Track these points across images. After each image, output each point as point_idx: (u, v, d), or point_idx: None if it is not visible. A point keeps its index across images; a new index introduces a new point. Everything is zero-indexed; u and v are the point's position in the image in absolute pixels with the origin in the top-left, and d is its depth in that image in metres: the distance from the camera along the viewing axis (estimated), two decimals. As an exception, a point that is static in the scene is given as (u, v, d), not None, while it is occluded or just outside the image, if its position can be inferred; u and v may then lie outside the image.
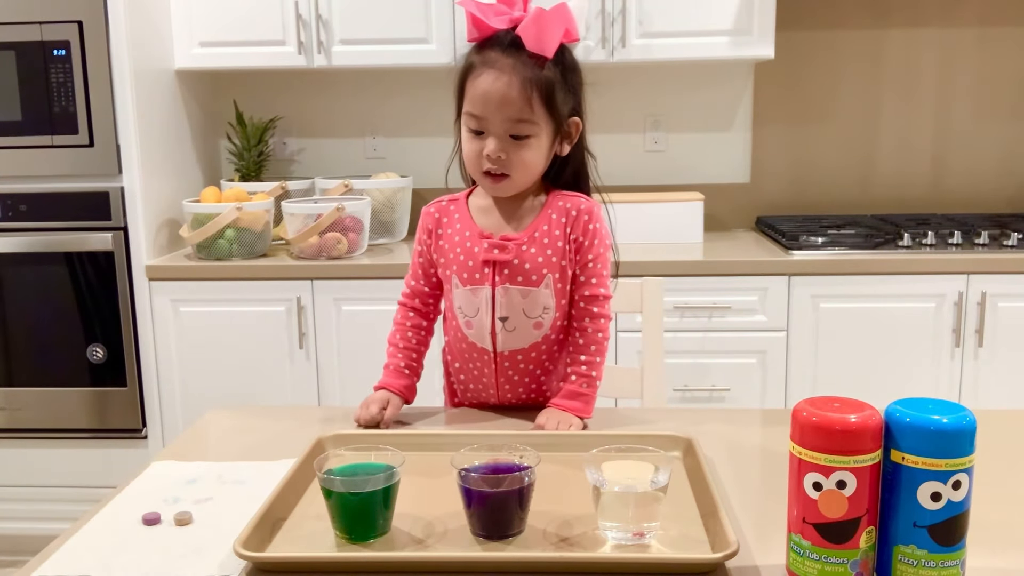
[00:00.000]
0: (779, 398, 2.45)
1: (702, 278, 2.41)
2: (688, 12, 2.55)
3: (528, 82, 1.21)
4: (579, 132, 1.32)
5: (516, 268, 1.29)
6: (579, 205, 1.32)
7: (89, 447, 2.55)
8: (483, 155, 1.25)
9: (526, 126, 1.23)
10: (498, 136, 1.24)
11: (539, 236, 1.30)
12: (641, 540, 0.92)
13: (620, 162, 2.97)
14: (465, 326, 1.34)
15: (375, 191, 2.66)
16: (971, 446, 0.79)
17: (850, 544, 0.81)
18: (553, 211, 1.32)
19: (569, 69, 1.27)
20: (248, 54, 2.63)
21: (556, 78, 1.24)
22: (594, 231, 1.33)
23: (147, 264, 2.47)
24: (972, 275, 2.38)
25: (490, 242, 1.29)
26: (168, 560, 0.92)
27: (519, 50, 1.23)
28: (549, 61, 1.23)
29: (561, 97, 1.25)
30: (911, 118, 2.92)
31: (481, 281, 1.30)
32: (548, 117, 1.24)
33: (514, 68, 1.22)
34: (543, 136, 1.26)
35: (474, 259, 1.30)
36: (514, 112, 1.22)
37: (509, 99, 1.21)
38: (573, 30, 1.26)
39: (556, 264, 1.31)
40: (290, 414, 1.40)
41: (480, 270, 1.30)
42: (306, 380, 2.50)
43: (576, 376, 1.34)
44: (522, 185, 1.29)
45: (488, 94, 1.22)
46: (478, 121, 1.25)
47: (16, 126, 2.43)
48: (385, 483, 0.94)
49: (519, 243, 1.30)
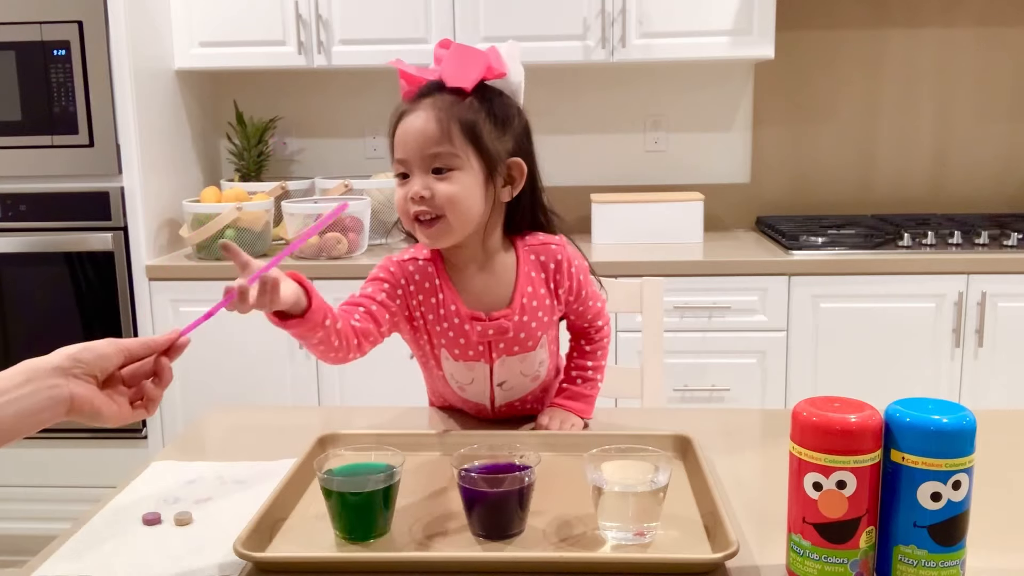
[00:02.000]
0: (779, 398, 2.45)
1: (702, 278, 2.41)
2: (688, 12, 2.55)
3: (445, 113, 1.16)
4: (523, 176, 1.22)
5: (512, 339, 1.25)
6: (554, 256, 1.26)
7: (89, 447, 2.55)
8: (407, 198, 1.18)
9: (445, 158, 1.16)
10: (421, 173, 1.17)
11: (527, 302, 1.25)
12: (641, 540, 0.92)
13: (620, 162, 2.97)
14: (459, 390, 1.31)
15: (375, 191, 2.66)
16: (971, 446, 0.79)
17: (850, 544, 0.81)
18: (530, 268, 1.26)
19: (498, 106, 1.20)
20: (248, 54, 2.63)
21: (480, 112, 1.18)
22: (576, 270, 1.28)
23: (147, 264, 2.47)
24: (972, 275, 2.38)
25: (483, 325, 1.23)
26: (168, 560, 0.92)
27: (440, 88, 1.19)
28: (471, 96, 1.18)
29: (488, 131, 1.18)
30: (911, 118, 2.92)
31: (476, 358, 1.26)
32: (474, 151, 1.17)
33: (432, 103, 1.17)
34: (469, 171, 1.17)
35: (466, 338, 1.24)
36: (432, 145, 1.16)
37: (427, 133, 1.16)
38: (498, 65, 1.20)
39: (548, 322, 1.28)
40: (290, 414, 1.40)
41: (474, 348, 1.25)
42: (306, 380, 2.50)
43: (581, 379, 1.35)
44: (459, 229, 1.19)
45: (407, 132, 1.17)
46: (402, 165, 1.19)
47: (16, 126, 2.43)
48: (385, 483, 0.94)
49: (510, 315, 1.24)
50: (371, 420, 1.36)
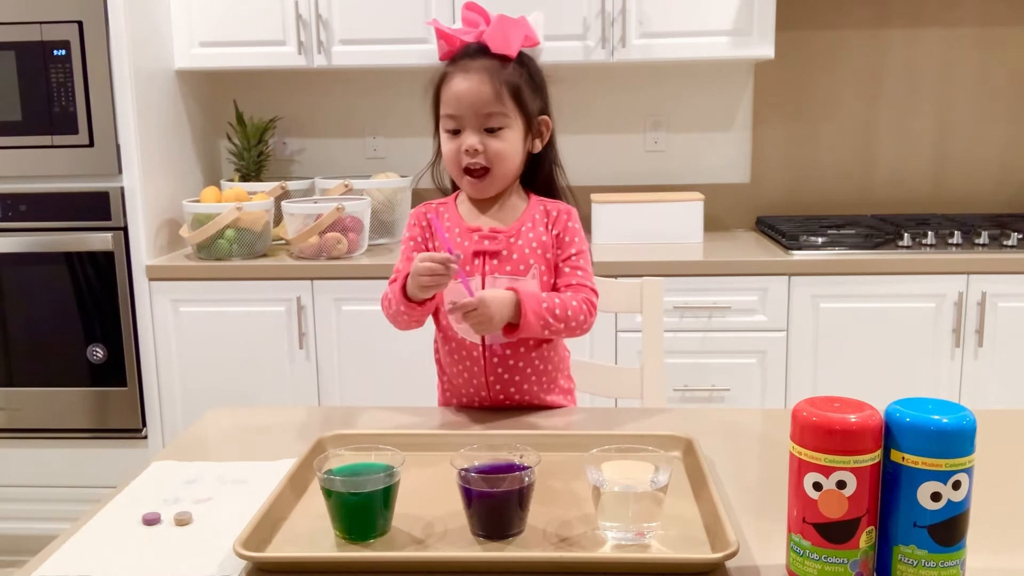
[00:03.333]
0: (779, 398, 2.45)
1: (702, 278, 2.41)
2: (688, 12, 2.55)
3: (496, 78, 1.32)
4: (549, 131, 1.42)
5: (505, 259, 1.36)
6: (560, 207, 1.42)
7: (89, 447, 2.55)
8: (462, 151, 1.34)
9: (498, 118, 1.33)
10: (474, 130, 1.33)
11: (525, 231, 1.38)
12: (641, 540, 0.92)
13: (620, 162, 2.97)
14: (455, 321, 1.36)
15: (375, 191, 2.66)
16: (971, 446, 0.79)
17: (850, 544, 0.81)
18: (536, 212, 1.41)
19: (533, 70, 1.39)
20: (248, 54, 2.64)
21: (522, 75, 1.35)
22: (574, 229, 1.41)
23: (147, 264, 2.47)
24: (972, 275, 2.38)
25: (480, 234, 1.37)
26: (168, 560, 0.92)
27: (486, 54, 1.34)
28: (513, 61, 1.35)
29: (528, 94, 1.36)
30: (911, 118, 2.92)
31: (471, 272, 1.36)
32: (518, 111, 1.34)
33: (482, 67, 1.33)
34: (515, 129, 1.35)
35: (464, 252, 1.36)
36: (486, 106, 1.32)
37: (481, 94, 1.32)
38: (533, 35, 1.38)
39: (541, 256, 1.38)
40: (290, 414, 1.40)
41: (470, 261, 1.37)
42: (306, 380, 2.50)
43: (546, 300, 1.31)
44: (502, 180, 1.37)
45: (461, 93, 1.33)
46: (454, 120, 1.34)
47: (16, 126, 2.43)
48: (385, 483, 0.94)
49: (507, 235, 1.37)
50: (371, 420, 1.36)
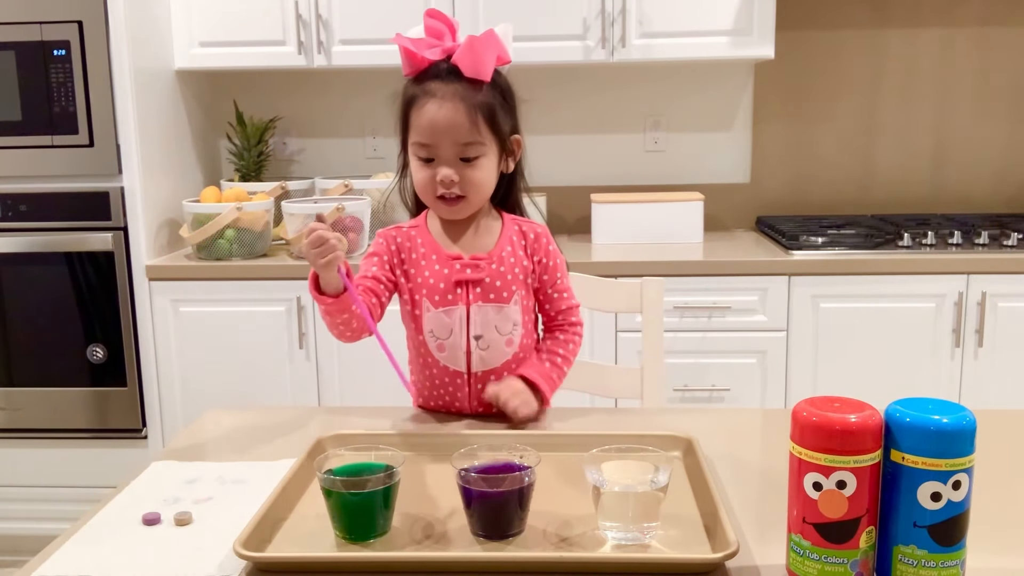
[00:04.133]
0: (779, 398, 2.45)
1: (702, 278, 2.41)
2: (688, 12, 2.55)
3: (472, 106, 1.27)
4: (521, 149, 1.38)
5: (488, 286, 1.33)
6: (535, 228, 1.39)
7: (89, 447, 2.55)
8: (436, 181, 1.29)
9: (475, 147, 1.28)
10: (449, 161, 1.28)
11: (506, 256, 1.35)
12: (641, 540, 0.92)
13: (620, 162, 2.97)
14: (437, 349, 1.34)
15: (375, 191, 2.66)
16: (971, 446, 0.79)
17: (850, 544, 0.81)
18: (512, 233, 1.38)
19: (505, 90, 1.33)
20: (248, 54, 2.63)
21: (496, 99, 1.30)
22: (553, 251, 1.39)
23: (147, 264, 2.47)
24: (972, 275, 2.38)
25: (462, 262, 1.33)
26: (168, 560, 0.92)
27: (458, 77, 1.28)
28: (487, 84, 1.29)
29: (502, 116, 1.31)
30: (911, 118, 2.92)
31: (454, 301, 1.32)
32: (493, 136, 1.30)
33: (456, 94, 1.27)
34: (491, 155, 1.31)
35: (445, 281, 1.33)
36: (462, 136, 1.27)
37: (456, 124, 1.26)
38: (504, 53, 1.31)
39: (522, 282, 1.36)
40: (290, 414, 1.40)
41: (452, 291, 1.32)
42: (306, 380, 2.50)
43: (550, 363, 1.36)
44: (477, 205, 1.34)
45: (435, 122, 1.26)
46: (427, 149, 1.29)
47: (16, 126, 2.42)
48: (385, 483, 0.94)
49: (488, 261, 1.33)
50: (371, 420, 1.36)
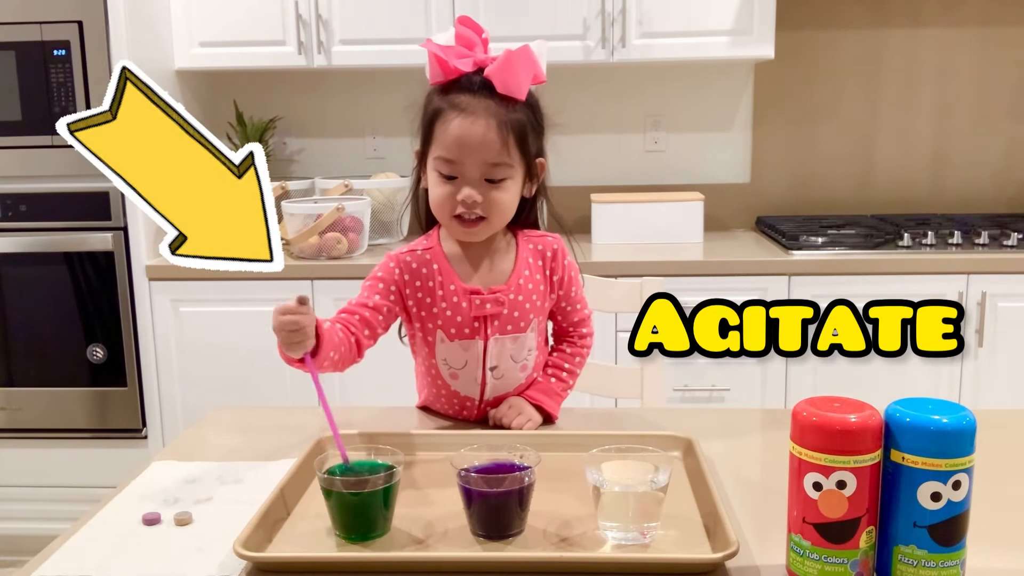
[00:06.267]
0: (779, 398, 2.45)
1: (702, 278, 2.41)
2: (688, 12, 2.55)
3: (504, 125, 1.18)
4: (544, 172, 1.30)
5: (506, 318, 1.27)
6: (551, 245, 1.32)
7: (89, 447, 2.55)
8: (457, 200, 1.20)
9: (502, 169, 1.21)
10: (473, 181, 1.20)
11: (523, 283, 1.29)
12: (641, 540, 0.92)
13: (620, 162, 2.97)
14: (450, 377, 1.31)
15: (375, 191, 2.66)
16: (971, 446, 0.79)
17: (850, 544, 0.81)
18: (528, 255, 1.31)
19: (538, 111, 1.26)
20: (248, 54, 2.63)
21: (528, 119, 1.22)
22: (569, 264, 1.34)
23: (147, 264, 2.46)
24: (972, 275, 2.38)
25: (481, 298, 1.26)
26: (168, 560, 0.92)
27: (491, 93, 1.19)
28: (520, 103, 1.21)
29: (532, 138, 1.23)
30: (911, 118, 2.91)
31: (472, 335, 1.27)
32: (521, 158, 1.22)
33: (488, 111, 1.18)
34: (517, 178, 1.23)
35: (463, 315, 1.26)
36: (491, 156, 1.19)
37: (486, 143, 1.18)
38: (540, 73, 1.23)
39: (540, 307, 1.31)
40: (290, 414, 1.40)
41: (470, 325, 1.27)
42: (306, 380, 2.47)
43: (556, 378, 1.35)
44: (496, 228, 1.26)
45: (463, 138, 1.18)
46: (451, 166, 1.20)
47: (16, 126, 2.42)
48: (385, 483, 0.94)
49: (507, 292, 1.27)
50: (371, 420, 1.36)
